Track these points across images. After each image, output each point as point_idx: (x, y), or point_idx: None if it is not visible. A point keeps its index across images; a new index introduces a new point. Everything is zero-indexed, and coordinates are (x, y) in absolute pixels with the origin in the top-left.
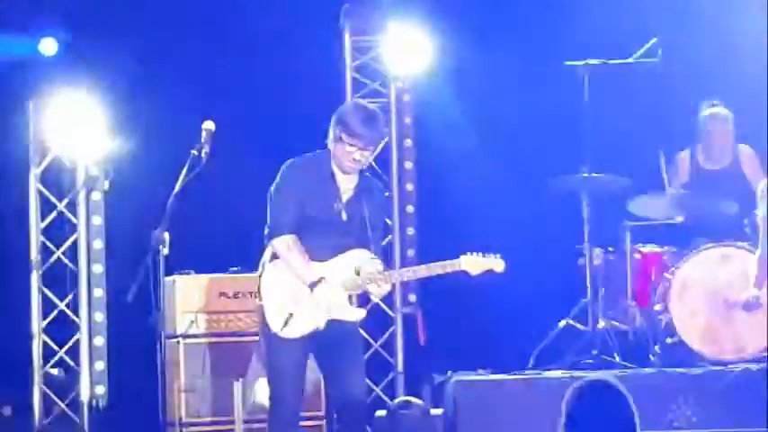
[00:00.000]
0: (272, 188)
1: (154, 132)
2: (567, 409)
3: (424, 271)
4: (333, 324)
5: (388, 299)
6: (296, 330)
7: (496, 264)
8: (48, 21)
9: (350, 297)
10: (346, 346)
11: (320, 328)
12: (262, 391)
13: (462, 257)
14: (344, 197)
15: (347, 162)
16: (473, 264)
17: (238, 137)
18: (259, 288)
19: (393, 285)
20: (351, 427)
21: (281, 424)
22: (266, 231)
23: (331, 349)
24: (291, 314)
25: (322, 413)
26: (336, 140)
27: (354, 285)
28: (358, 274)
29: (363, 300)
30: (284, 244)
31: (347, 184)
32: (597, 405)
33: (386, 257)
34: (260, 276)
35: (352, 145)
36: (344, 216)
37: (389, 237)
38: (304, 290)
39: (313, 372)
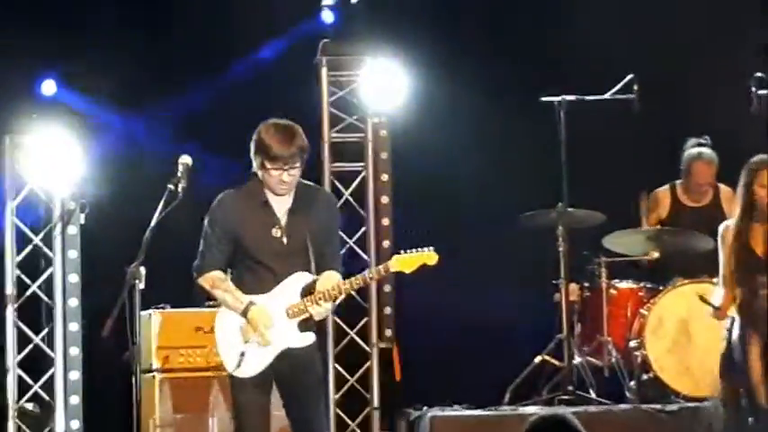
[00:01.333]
0: (204, 223)
1: (130, 166)
2: None
3: (359, 280)
4: (286, 355)
5: (363, 333)
6: (249, 369)
7: (428, 257)
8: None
9: (300, 324)
10: (303, 380)
11: (272, 363)
12: None
13: (394, 257)
14: (283, 220)
15: (277, 185)
16: (404, 262)
17: (215, 171)
18: (215, 330)
19: (334, 299)
20: None
21: None
22: (193, 269)
23: (289, 383)
24: (243, 353)
25: None
26: (260, 168)
27: (296, 310)
28: (305, 296)
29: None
30: (207, 281)
31: (283, 206)
32: None
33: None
34: (216, 318)
35: (276, 169)
36: (285, 240)
37: (366, 272)
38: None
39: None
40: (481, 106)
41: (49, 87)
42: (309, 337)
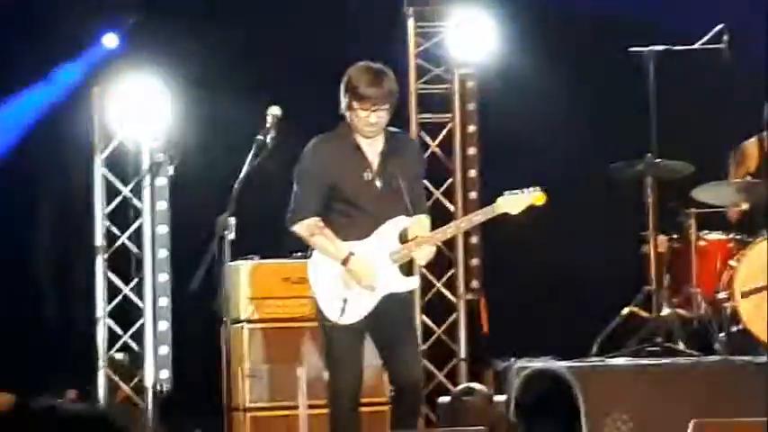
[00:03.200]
0: (295, 170)
1: (220, 117)
2: (516, 394)
3: (465, 223)
4: (387, 302)
5: (450, 284)
6: (354, 315)
7: (536, 197)
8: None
9: (400, 267)
10: (400, 322)
11: (375, 307)
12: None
13: (499, 199)
14: (374, 164)
15: (365, 127)
16: (511, 203)
17: (304, 123)
18: (309, 279)
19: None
20: (409, 402)
21: (341, 412)
22: (287, 217)
23: (386, 327)
24: (346, 300)
25: (385, 398)
26: (348, 108)
27: (401, 255)
28: (403, 240)
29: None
30: (305, 228)
31: (374, 150)
32: (545, 391)
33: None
34: (308, 266)
35: (364, 109)
36: (378, 183)
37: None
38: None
39: (375, 358)
40: (569, 57)
41: (110, 40)
42: (413, 281)
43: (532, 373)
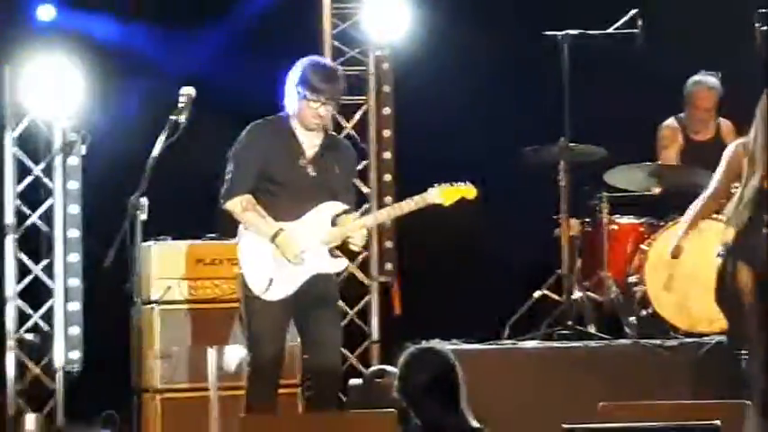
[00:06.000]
0: (230, 152)
1: (132, 96)
2: (400, 372)
3: (397, 210)
4: (313, 282)
5: (363, 267)
6: (279, 292)
7: (468, 190)
8: None
9: (331, 250)
10: (324, 304)
11: (301, 286)
12: (229, 358)
13: (431, 189)
14: (309, 154)
15: (312, 119)
16: (444, 194)
17: (217, 103)
18: (238, 254)
19: (368, 245)
20: (325, 391)
21: (260, 389)
22: (221, 194)
23: (309, 308)
24: (272, 277)
25: (297, 381)
26: (300, 99)
27: (333, 237)
28: (334, 224)
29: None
30: (237, 205)
31: (311, 142)
32: (427, 369)
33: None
34: (238, 243)
35: (315, 101)
36: (312, 172)
37: (367, 204)
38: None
39: (290, 338)
40: (484, 40)
41: (46, 12)
42: (341, 263)
43: (416, 351)
